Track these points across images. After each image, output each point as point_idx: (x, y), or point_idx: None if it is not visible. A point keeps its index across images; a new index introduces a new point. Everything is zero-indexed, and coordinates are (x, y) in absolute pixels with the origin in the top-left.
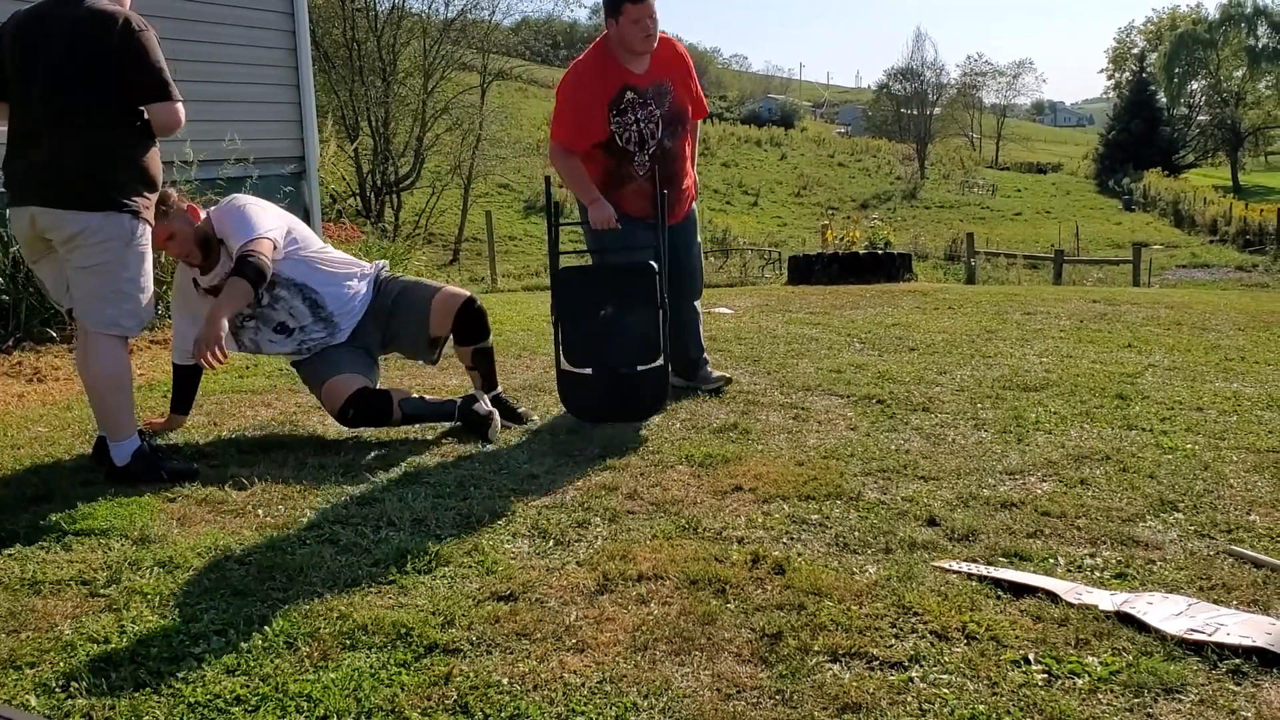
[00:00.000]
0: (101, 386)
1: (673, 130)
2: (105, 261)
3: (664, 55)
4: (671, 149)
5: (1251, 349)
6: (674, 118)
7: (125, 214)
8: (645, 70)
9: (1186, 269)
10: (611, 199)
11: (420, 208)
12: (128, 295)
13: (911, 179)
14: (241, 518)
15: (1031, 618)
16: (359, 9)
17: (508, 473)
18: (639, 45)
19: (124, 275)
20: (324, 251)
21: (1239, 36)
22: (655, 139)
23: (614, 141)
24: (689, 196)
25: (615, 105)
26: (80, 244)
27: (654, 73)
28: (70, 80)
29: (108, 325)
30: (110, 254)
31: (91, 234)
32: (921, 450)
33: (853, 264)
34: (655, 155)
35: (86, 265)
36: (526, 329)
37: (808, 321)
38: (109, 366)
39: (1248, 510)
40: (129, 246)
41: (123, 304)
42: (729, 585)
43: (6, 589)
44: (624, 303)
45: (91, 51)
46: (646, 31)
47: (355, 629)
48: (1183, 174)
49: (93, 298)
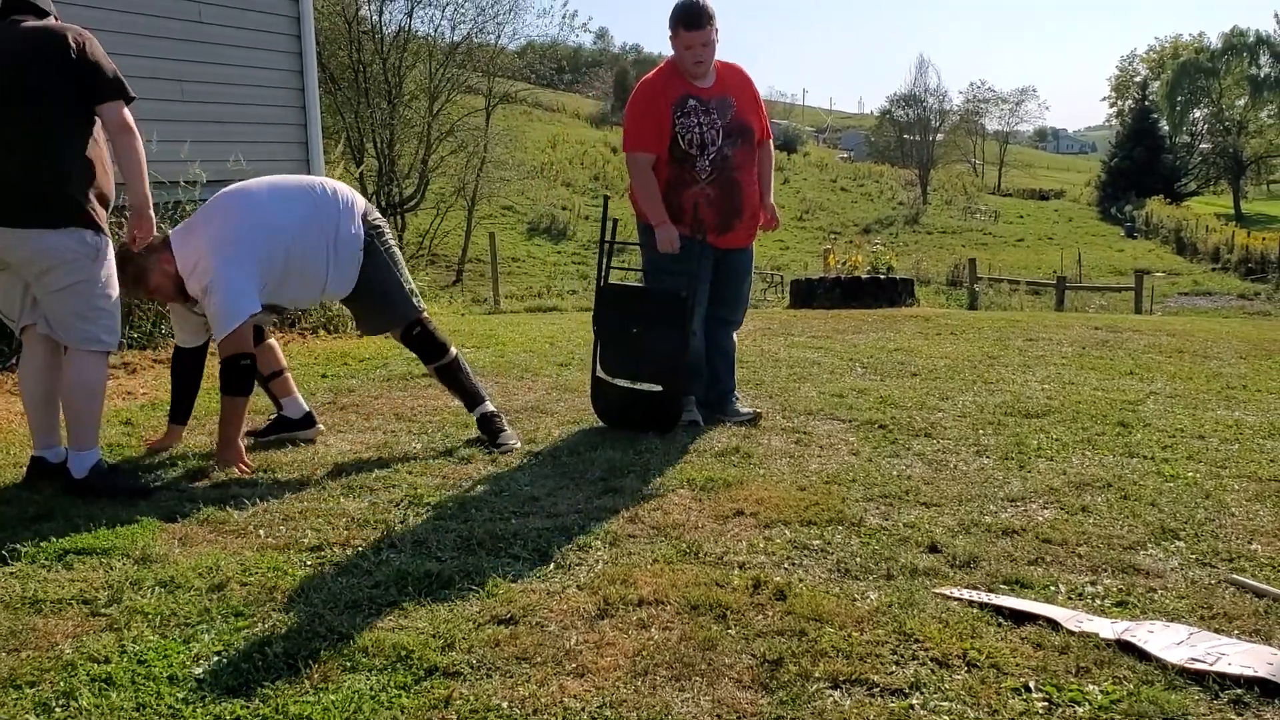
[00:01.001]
0: (79, 397)
1: (734, 140)
2: (78, 281)
3: (730, 78)
4: (732, 157)
5: (1253, 377)
6: (736, 129)
7: (87, 229)
8: (710, 86)
9: (1189, 296)
10: (673, 203)
11: (424, 229)
12: (104, 310)
13: (914, 204)
14: (243, 538)
15: (1032, 645)
16: (365, 32)
17: (509, 495)
18: (690, 69)
19: (97, 291)
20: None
21: (1241, 66)
22: (716, 145)
23: (677, 144)
24: (758, 222)
25: (679, 107)
26: (49, 268)
27: (718, 88)
28: (18, 98)
29: (90, 342)
30: (81, 272)
31: (56, 255)
32: (923, 476)
33: (855, 288)
34: (716, 161)
35: (61, 287)
36: (529, 350)
37: (810, 345)
38: (89, 379)
39: (1249, 539)
40: (95, 261)
41: (101, 320)
42: (730, 611)
43: (7, 607)
44: (653, 325)
45: (40, 69)
46: (697, 58)
47: (356, 651)
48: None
49: (72, 316)
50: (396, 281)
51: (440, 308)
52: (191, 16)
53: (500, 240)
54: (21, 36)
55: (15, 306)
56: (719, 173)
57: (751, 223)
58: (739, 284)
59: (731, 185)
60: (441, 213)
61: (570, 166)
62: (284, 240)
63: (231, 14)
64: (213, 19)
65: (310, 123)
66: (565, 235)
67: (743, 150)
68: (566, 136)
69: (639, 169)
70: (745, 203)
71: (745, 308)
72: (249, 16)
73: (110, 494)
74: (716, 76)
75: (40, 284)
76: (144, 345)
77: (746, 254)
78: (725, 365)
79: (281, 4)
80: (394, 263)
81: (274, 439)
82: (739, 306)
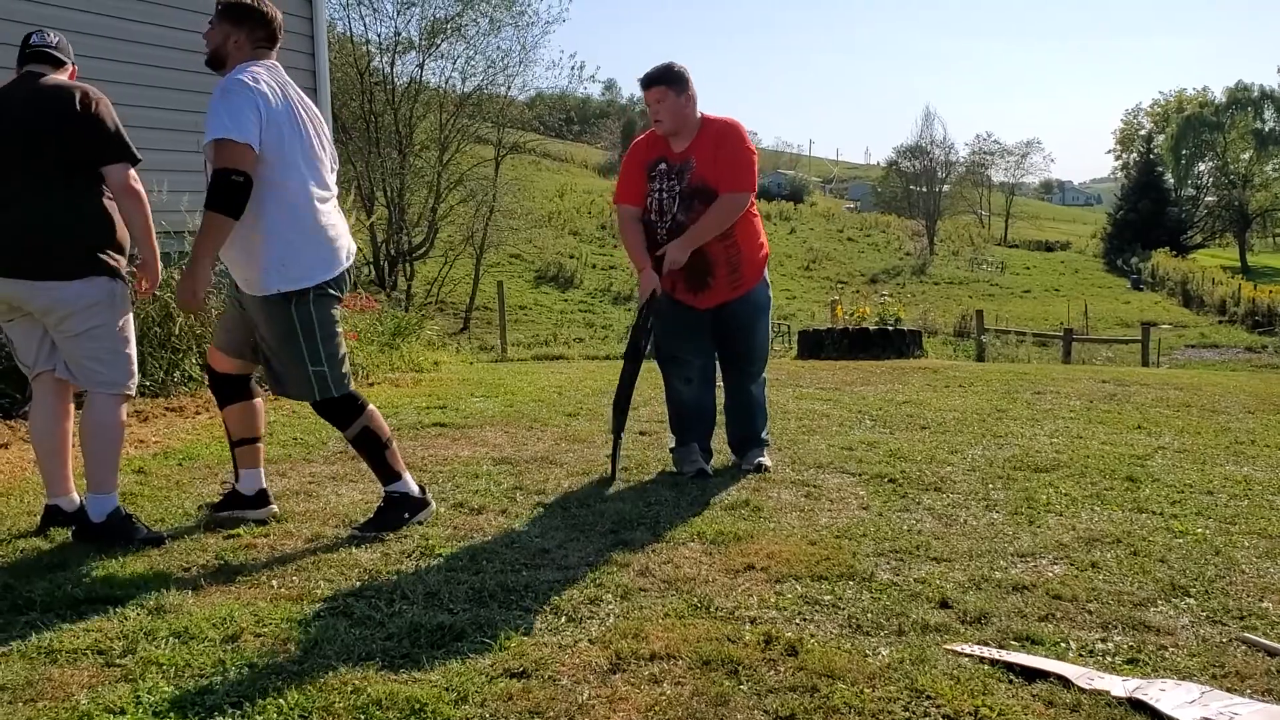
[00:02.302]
0: (97, 440)
1: (689, 205)
2: (95, 326)
3: (703, 137)
4: (686, 223)
5: (1262, 432)
6: (691, 194)
7: (101, 276)
8: (682, 150)
9: (1195, 349)
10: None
11: (433, 277)
12: (121, 354)
13: (921, 255)
14: (256, 589)
15: (1044, 702)
16: (377, 83)
17: (519, 546)
18: (654, 128)
19: (116, 335)
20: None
21: (1246, 120)
22: (671, 213)
23: (647, 209)
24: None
25: (652, 169)
26: (67, 315)
27: (687, 151)
28: (29, 152)
29: (108, 386)
30: (98, 317)
31: (73, 303)
32: (934, 531)
33: (863, 339)
34: (672, 228)
35: (78, 332)
36: (538, 400)
37: (818, 397)
38: (108, 421)
39: (1260, 597)
40: (112, 306)
41: (119, 363)
42: (741, 666)
43: (23, 657)
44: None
45: (48, 124)
46: (655, 116)
47: (369, 703)
48: (1191, 254)
49: (90, 360)
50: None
51: (448, 355)
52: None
53: (508, 288)
54: (34, 91)
55: (32, 353)
56: (674, 237)
57: (732, 278)
58: (745, 337)
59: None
60: (450, 261)
61: (578, 215)
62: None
63: None
64: None
65: None
66: (572, 284)
67: (699, 212)
68: (574, 186)
69: (622, 220)
70: (714, 262)
71: (762, 358)
72: None
73: (126, 540)
74: (694, 138)
75: (59, 330)
76: (156, 393)
77: (743, 305)
78: (745, 415)
79: (298, 57)
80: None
81: (225, 515)
82: (752, 358)
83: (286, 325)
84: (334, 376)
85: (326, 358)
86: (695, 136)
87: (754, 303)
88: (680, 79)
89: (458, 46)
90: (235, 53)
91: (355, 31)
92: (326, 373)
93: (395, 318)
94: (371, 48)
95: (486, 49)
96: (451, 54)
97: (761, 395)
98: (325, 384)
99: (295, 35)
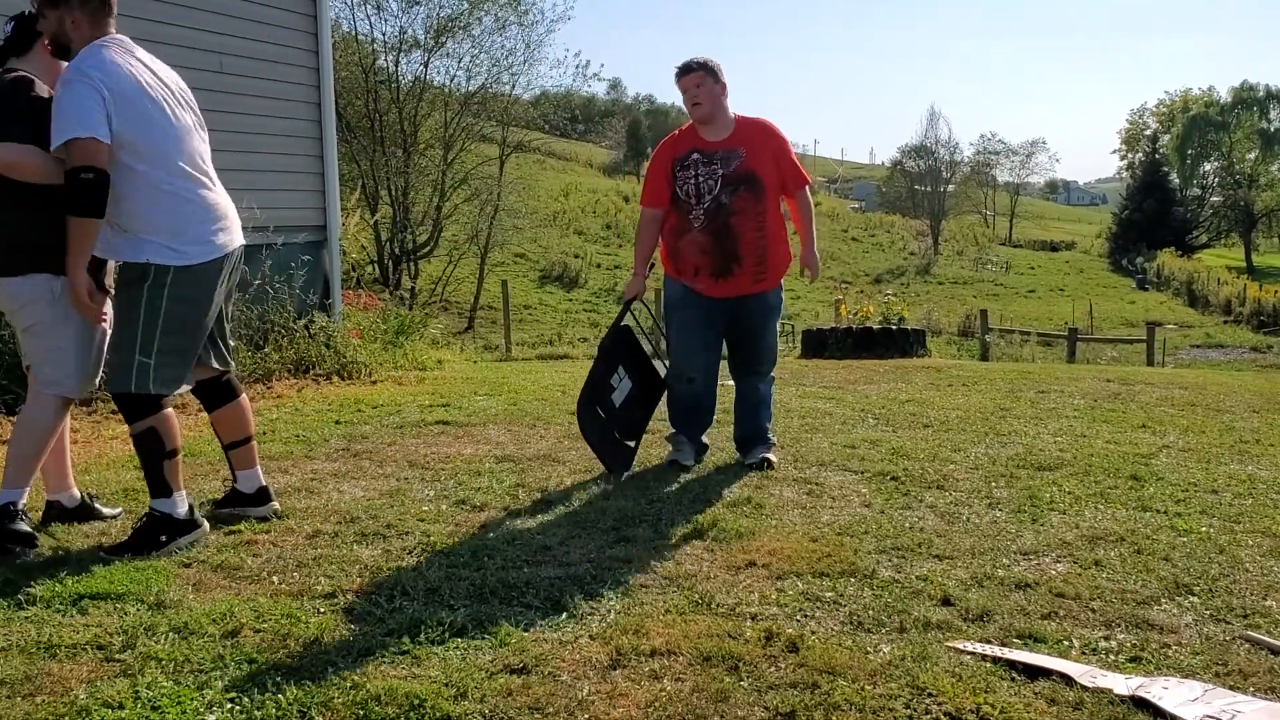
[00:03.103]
0: (21, 434)
1: (734, 189)
2: (36, 322)
3: (749, 132)
4: (729, 204)
5: (1266, 431)
6: (737, 179)
7: (43, 273)
8: (721, 139)
9: (1201, 349)
10: (675, 250)
11: (437, 276)
12: (62, 353)
13: (925, 255)
14: (256, 584)
15: (1046, 700)
16: (382, 81)
17: (521, 543)
18: (691, 113)
19: (60, 333)
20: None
21: (1251, 120)
22: (713, 193)
23: (676, 195)
24: (769, 270)
25: (680, 163)
26: (14, 310)
27: (729, 141)
28: None
29: (50, 385)
30: (38, 314)
31: (17, 298)
32: (936, 529)
33: (867, 339)
34: (710, 208)
35: (24, 328)
36: (541, 398)
37: (821, 396)
38: (37, 419)
39: (1264, 595)
40: (53, 305)
41: (59, 363)
42: (742, 662)
43: (23, 652)
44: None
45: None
46: (693, 100)
47: (369, 699)
48: (1196, 254)
49: (35, 356)
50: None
51: (452, 354)
52: (213, 67)
53: (512, 288)
54: None
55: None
56: (712, 219)
57: (758, 269)
58: (756, 336)
59: (725, 230)
60: (454, 260)
61: (582, 215)
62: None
63: (252, 65)
64: (233, 69)
65: (328, 170)
66: (577, 283)
67: (743, 198)
68: (579, 185)
69: (641, 222)
70: (744, 249)
71: (771, 359)
72: (269, 67)
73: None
74: (734, 130)
75: (13, 325)
76: None
77: (759, 302)
78: (751, 413)
79: (302, 55)
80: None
81: (227, 512)
82: (761, 358)
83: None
84: (157, 374)
85: (158, 352)
86: (735, 129)
87: (769, 304)
88: (715, 69)
89: (463, 45)
90: (75, 33)
91: (361, 30)
92: (151, 366)
93: (399, 316)
94: (377, 46)
95: (491, 47)
96: (457, 52)
97: (769, 395)
98: (145, 378)
99: (299, 34)
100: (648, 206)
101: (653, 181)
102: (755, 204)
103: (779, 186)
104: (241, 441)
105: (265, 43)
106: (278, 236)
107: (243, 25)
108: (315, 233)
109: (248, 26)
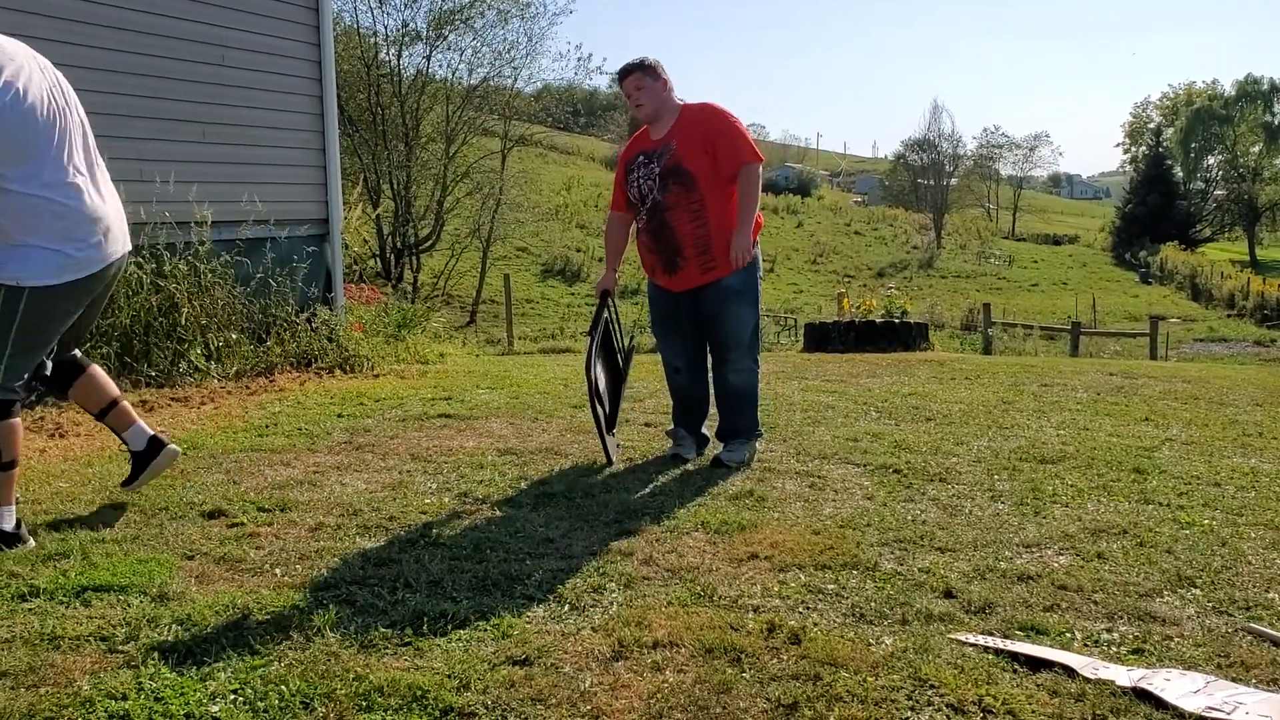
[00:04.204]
0: None
1: (665, 185)
2: None
3: (683, 121)
4: (663, 201)
5: (1269, 424)
6: (667, 173)
7: None
8: (660, 136)
9: (1204, 343)
10: (639, 249)
11: (439, 270)
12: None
13: (928, 248)
14: (259, 576)
15: (1048, 692)
16: (384, 75)
17: (524, 536)
18: (636, 115)
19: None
20: None
21: (1255, 113)
22: (651, 194)
23: (629, 198)
24: (713, 260)
25: (629, 166)
26: None
27: (666, 137)
28: None
29: None
30: None
31: None
32: (938, 521)
33: (869, 332)
34: (650, 209)
35: None
36: (543, 392)
37: (824, 389)
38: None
39: (1266, 588)
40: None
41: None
42: (744, 654)
43: (27, 644)
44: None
45: None
46: (636, 102)
47: (371, 690)
48: (1200, 248)
49: None
50: None
51: (454, 348)
52: (215, 60)
53: (514, 282)
54: None
55: None
56: (651, 218)
57: (702, 260)
58: (716, 323)
59: (662, 227)
60: (456, 254)
61: (585, 209)
62: None
63: (254, 58)
64: (236, 62)
65: (330, 164)
66: (579, 277)
67: (674, 192)
68: (581, 179)
69: (608, 224)
70: (682, 242)
71: (737, 347)
72: (271, 60)
73: None
74: (672, 125)
75: None
76: (161, 384)
77: (714, 289)
78: (723, 406)
79: (303, 48)
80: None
81: (145, 479)
82: (728, 346)
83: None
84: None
85: (12, 355)
86: (673, 124)
87: (724, 289)
88: (654, 66)
89: (465, 38)
90: None
91: (363, 24)
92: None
93: (401, 310)
94: (379, 40)
95: (493, 40)
96: (459, 45)
97: (745, 387)
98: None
99: (301, 27)
100: (612, 210)
101: (616, 186)
102: (687, 196)
103: (714, 172)
104: (110, 406)
105: (267, 36)
106: (280, 230)
107: (245, 19)
108: (317, 226)
109: (250, 20)
